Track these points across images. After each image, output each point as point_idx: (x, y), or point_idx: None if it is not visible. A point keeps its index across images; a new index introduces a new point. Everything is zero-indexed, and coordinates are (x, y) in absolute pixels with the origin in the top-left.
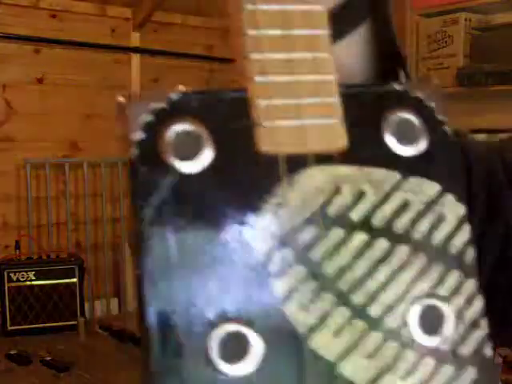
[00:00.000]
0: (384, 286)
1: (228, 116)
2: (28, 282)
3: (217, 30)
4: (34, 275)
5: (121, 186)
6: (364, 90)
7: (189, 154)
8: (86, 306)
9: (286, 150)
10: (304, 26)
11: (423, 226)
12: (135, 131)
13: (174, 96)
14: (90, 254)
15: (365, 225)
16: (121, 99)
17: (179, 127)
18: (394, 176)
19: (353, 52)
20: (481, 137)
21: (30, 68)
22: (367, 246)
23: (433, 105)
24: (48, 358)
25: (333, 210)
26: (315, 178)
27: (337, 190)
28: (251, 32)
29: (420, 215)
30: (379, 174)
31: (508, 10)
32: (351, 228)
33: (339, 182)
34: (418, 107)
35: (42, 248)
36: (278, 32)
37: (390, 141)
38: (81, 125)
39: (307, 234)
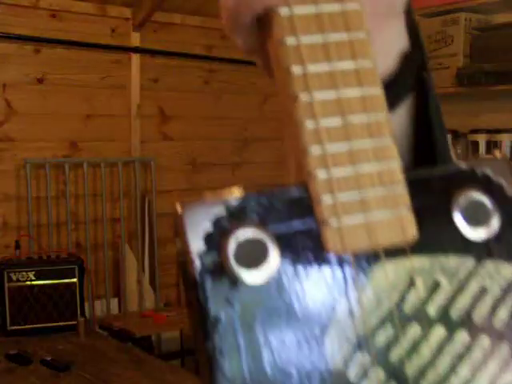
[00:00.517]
0: (469, 382)
1: (291, 217)
2: (28, 282)
3: (217, 30)
4: (34, 275)
5: (121, 186)
6: (429, 173)
7: (254, 263)
8: (86, 305)
9: (355, 247)
10: (362, 111)
11: (503, 312)
12: (195, 243)
13: (232, 202)
14: (90, 254)
15: (442, 318)
16: (178, 209)
17: (241, 235)
18: (468, 262)
19: (396, 125)
20: (481, 137)
21: (30, 68)
22: (447, 340)
23: (501, 181)
24: (48, 358)
25: (408, 306)
26: (387, 273)
27: (411, 284)
28: (309, 124)
29: (499, 301)
30: (452, 261)
31: (508, 10)
32: (429, 323)
33: (412, 275)
34: (487, 185)
35: (42, 248)
36: (336, 121)
37: (461, 224)
38: (81, 125)
39: (384, 335)
